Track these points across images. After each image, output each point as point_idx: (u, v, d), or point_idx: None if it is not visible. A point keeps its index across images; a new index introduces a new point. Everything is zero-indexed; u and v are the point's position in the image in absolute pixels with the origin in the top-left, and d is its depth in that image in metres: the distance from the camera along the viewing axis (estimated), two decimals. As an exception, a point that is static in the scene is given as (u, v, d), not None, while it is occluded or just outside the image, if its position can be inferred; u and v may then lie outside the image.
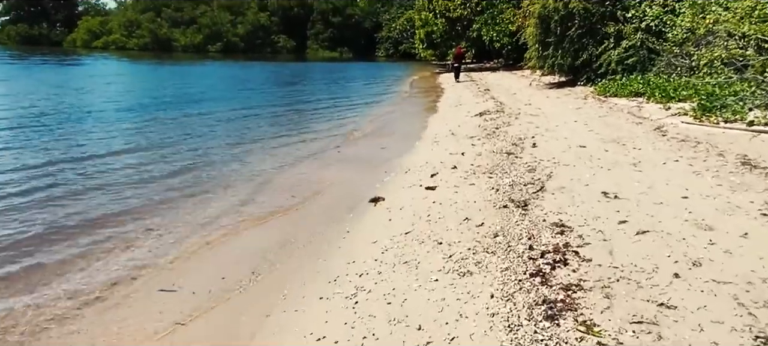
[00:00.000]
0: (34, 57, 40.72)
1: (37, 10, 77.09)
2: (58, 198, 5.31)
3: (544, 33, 15.90)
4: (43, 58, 38.75)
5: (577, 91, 14.65)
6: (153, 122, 10.74)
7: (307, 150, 8.14)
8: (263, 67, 39.02)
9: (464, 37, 36.33)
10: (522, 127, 8.83)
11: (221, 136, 9.10)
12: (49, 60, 37.12)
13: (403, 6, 75.61)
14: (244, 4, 79.42)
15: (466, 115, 11.48)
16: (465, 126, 9.67)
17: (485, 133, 8.53)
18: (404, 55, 67.88)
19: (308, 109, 14.38)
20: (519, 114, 10.80)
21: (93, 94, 15.99)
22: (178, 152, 7.77)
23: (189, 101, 15.00)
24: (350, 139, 9.06)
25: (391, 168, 6.47)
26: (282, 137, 9.35)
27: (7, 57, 40.84)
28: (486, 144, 7.46)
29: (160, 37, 70.13)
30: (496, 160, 6.15)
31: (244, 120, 11.28)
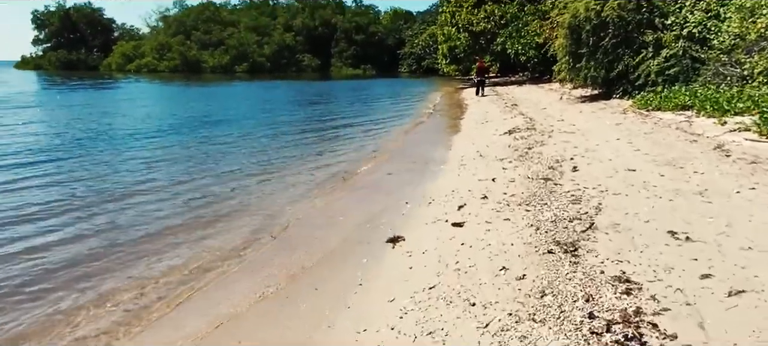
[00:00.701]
0: (71, 82, 42.18)
1: (76, 37, 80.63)
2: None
3: (575, 44, 15.04)
4: (80, 83, 40.05)
5: (612, 104, 13.69)
6: (173, 146, 10.51)
7: (323, 175, 7.57)
8: (288, 86, 39.18)
9: (488, 51, 35.57)
10: (557, 146, 8.03)
11: (238, 162, 8.65)
12: (84, 84, 38.28)
13: (425, 22, 75.56)
14: (270, 25, 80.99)
15: (494, 133, 10.73)
16: (494, 146, 8.93)
17: (517, 154, 7.77)
18: (427, 71, 67.49)
19: (329, 129, 13.90)
20: (552, 131, 9.99)
21: (122, 117, 16.11)
22: (192, 179, 7.37)
23: (211, 123, 14.83)
24: (369, 163, 8.45)
25: (412, 197, 5.80)
26: (299, 161, 8.85)
27: (45, 82, 42.36)
28: (519, 168, 6.71)
29: (190, 59, 71.95)
30: (532, 188, 5.41)
31: (264, 143, 10.88)
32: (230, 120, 15.67)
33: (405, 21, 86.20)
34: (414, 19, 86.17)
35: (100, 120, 15.12)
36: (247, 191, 6.72)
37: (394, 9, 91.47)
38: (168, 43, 73.85)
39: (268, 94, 29.71)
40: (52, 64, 76.35)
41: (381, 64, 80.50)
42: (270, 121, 15.39)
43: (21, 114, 16.36)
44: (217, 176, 7.68)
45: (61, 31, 79.43)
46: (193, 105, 21.42)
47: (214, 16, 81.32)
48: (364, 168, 8.10)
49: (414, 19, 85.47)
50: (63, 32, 79.59)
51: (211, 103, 22.36)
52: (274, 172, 7.82)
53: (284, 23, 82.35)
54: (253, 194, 6.46)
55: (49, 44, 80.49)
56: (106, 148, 10.12)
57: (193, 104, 21.88)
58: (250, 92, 31.46)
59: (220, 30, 77.24)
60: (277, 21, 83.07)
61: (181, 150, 10.11)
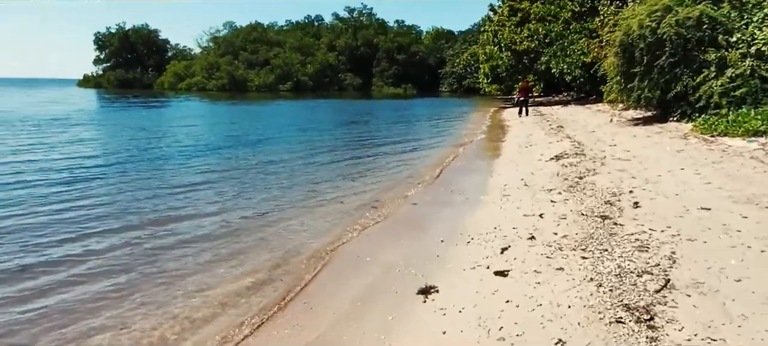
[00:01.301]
0: (126, 100, 44.59)
1: (133, 57, 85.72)
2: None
3: (628, 63, 14.06)
4: (134, 101, 42.23)
5: (670, 128, 12.60)
6: (209, 167, 10.47)
7: (353, 203, 7.13)
8: (329, 105, 39.53)
9: (531, 70, 34.57)
10: (612, 176, 7.26)
11: (270, 186, 8.36)
12: (137, 103, 40.19)
13: (467, 41, 75.15)
14: (313, 45, 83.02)
15: (540, 158, 10.00)
16: (540, 174, 8.23)
17: (566, 184, 7.06)
18: (468, 90, 66.79)
19: (365, 152, 13.53)
20: (604, 158, 9.16)
21: (168, 136, 16.53)
22: (222, 203, 7.15)
23: (250, 143, 14.89)
24: (403, 190, 7.94)
25: (448, 233, 5.24)
26: (331, 186, 8.44)
27: (102, 100, 44.95)
28: (570, 201, 6.02)
29: (237, 79, 74.64)
30: (587, 228, 4.74)
31: (297, 166, 10.58)
32: (269, 140, 15.70)
33: (446, 40, 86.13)
34: (455, 38, 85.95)
35: (149, 139, 15.60)
36: (272, 220, 6.36)
37: (436, 29, 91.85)
38: (217, 62, 77.02)
39: (309, 113, 29.95)
40: (110, 82, 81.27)
41: (422, 84, 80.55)
42: (307, 141, 15.26)
43: (71, 131, 17.05)
44: (247, 200, 7.41)
45: (120, 52, 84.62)
46: (236, 125, 21.84)
47: (261, 36, 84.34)
48: (398, 196, 7.59)
49: (455, 39, 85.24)
50: (121, 52, 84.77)
51: (253, 123, 22.71)
52: (302, 198, 7.43)
53: (328, 43, 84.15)
54: (277, 225, 6.08)
55: (108, 64, 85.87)
56: (148, 168, 10.31)
57: (236, 124, 22.30)
58: (292, 111, 31.88)
59: (267, 50, 79.88)
60: (321, 41, 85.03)
61: (216, 172, 10.02)
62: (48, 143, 13.62)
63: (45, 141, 14.11)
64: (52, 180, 8.66)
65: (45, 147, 12.84)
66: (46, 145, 13.29)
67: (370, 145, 14.66)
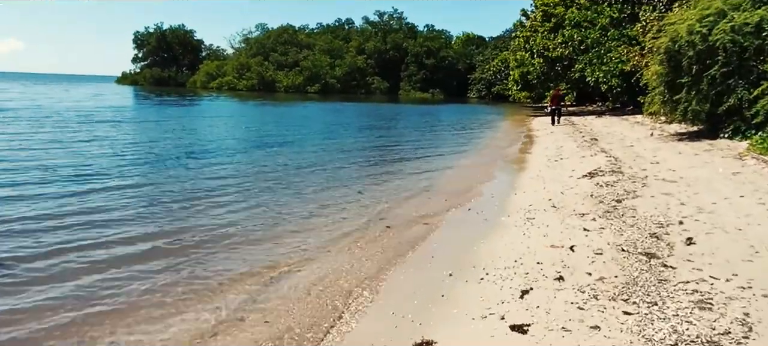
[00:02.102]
0: (160, 98, 45.60)
1: (169, 56, 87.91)
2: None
3: (674, 72, 12.87)
4: (168, 99, 43.16)
5: (720, 145, 11.38)
6: (224, 169, 10.08)
7: (357, 221, 6.38)
8: (355, 108, 39.07)
9: (564, 78, 33.15)
10: (657, 201, 6.29)
11: (279, 194, 7.75)
12: (170, 100, 40.91)
13: (497, 47, 73.62)
14: (343, 48, 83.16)
15: (571, 175, 9.04)
16: (570, 194, 7.31)
17: (602, 208, 6.15)
18: (497, 97, 65.36)
19: (384, 159, 12.80)
20: (646, 178, 8.15)
21: (195, 134, 16.49)
22: (225, 212, 6.61)
23: (269, 145, 14.56)
24: (415, 206, 7.12)
25: (459, 265, 4.45)
26: (340, 196, 7.73)
27: (138, 97, 46.05)
28: (606, 230, 5.13)
29: (266, 79, 75.47)
30: (629, 270, 3.87)
31: (311, 174, 9.87)
32: (291, 142, 15.29)
33: (476, 46, 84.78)
34: (486, 44, 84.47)
35: (179, 137, 15.49)
36: (269, 233, 5.74)
37: (466, 34, 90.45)
38: (248, 63, 78.06)
39: (334, 117, 29.47)
40: (146, 80, 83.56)
41: (450, 89, 79.49)
42: (326, 147, 14.67)
43: (101, 128, 17.10)
44: (248, 208, 6.83)
45: (157, 50, 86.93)
46: (258, 127, 21.66)
47: (291, 38, 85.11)
48: (407, 214, 6.81)
49: (486, 45, 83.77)
50: (158, 51, 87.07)
51: (278, 124, 22.47)
52: (305, 214, 6.65)
53: (357, 46, 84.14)
54: (271, 241, 5.44)
55: (145, 62, 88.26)
56: (173, 165, 10.26)
57: (258, 126, 22.10)
58: (318, 114, 31.53)
59: (297, 52, 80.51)
60: (350, 44, 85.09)
61: (227, 175, 9.56)
62: (86, 139, 13.66)
63: (81, 136, 14.23)
64: (86, 175, 8.72)
65: (81, 142, 13.06)
66: (84, 141, 13.42)
67: (389, 153, 13.93)
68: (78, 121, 18.36)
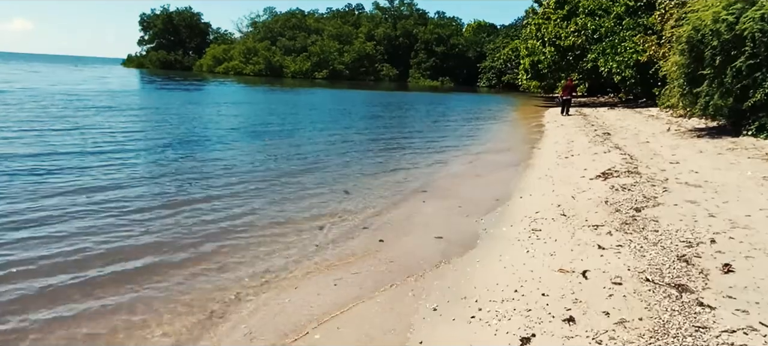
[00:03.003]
0: (164, 81, 44.92)
1: (176, 39, 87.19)
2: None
3: (695, 64, 11.95)
4: (173, 83, 42.55)
5: (745, 143, 10.52)
6: (214, 164, 9.34)
7: (340, 228, 5.67)
8: (362, 96, 38.12)
9: (576, 68, 31.99)
10: (682, 211, 5.53)
11: (267, 195, 6.98)
12: (173, 84, 40.34)
13: (509, 36, 72.00)
14: (352, 34, 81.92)
15: (583, 175, 8.26)
16: (582, 198, 6.56)
17: (618, 218, 5.40)
18: (507, 86, 64.10)
19: (381, 153, 12.02)
20: (666, 181, 7.36)
21: (192, 122, 15.96)
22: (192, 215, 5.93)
23: (264, 132, 13.94)
24: (404, 214, 6.33)
25: (446, 293, 3.73)
26: (321, 199, 6.94)
27: (143, 81, 45.57)
28: (625, 248, 4.39)
29: (273, 65, 74.64)
30: (657, 309, 3.16)
31: (306, 168, 9.11)
32: (288, 133, 14.61)
33: (488, 34, 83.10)
34: (497, 32, 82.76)
35: (180, 123, 15.04)
36: (235, 242, 5.07)
37: (477, 21, 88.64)
38: (255, 47, 77.14)
39: (340, 104, 28.60)
40: (152, 63, 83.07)
41: (459, 77, 78.20)
42: (324, 138, 13.94)
43: (89, 115, 16.53)
44: (219, 210, 6.15)
45: (163, 33, 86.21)
46: (257, 115, 21.06)
47: (300, 23, 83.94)
48: (396, 219, 6.08)
49: (497, 33, 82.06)
50: (164, 34, 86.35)
51: (278, 113, 21.75)
52: (280, 219, 5.91)
53: (366, 32, 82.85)
54: (232, 254, 4.75)
55: (152, 45, 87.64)
56: (151, 159, 9.52)
57: (256, 114, 21.48)
58: (323, 101, 30.72)
59: (305, 37, 79.43)
60: (360, 30, 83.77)
61: (205, 170, 8.89)
62: (68, 127, 13.07)
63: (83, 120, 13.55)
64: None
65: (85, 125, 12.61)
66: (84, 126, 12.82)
67: (388, 146, 13.15)
68: (70, 107, 17.75)
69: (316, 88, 46.68)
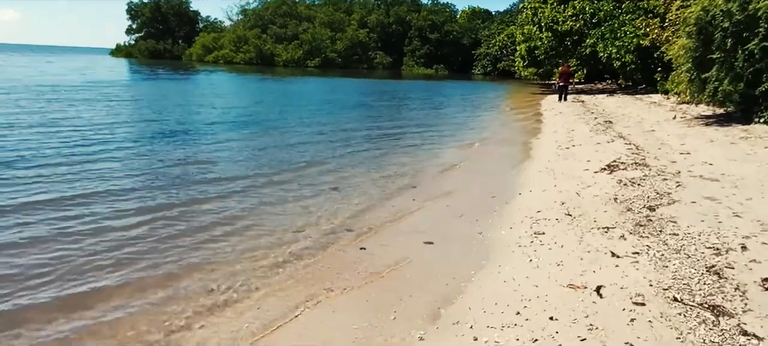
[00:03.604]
0: (151, 71, 43.73)
1: (165, 28, 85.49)
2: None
3: (704, 47, 11.30)
4: (160, 73, 41.24)
5: (757, 132, 9.92)
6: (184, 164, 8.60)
7: (325, 230, 5.01)
8: (354, 84, 37.16)
9: (574, 54, 31.28)
10: (701, 209, 4.91)
11: (246, 196, 6.17)
12: (154, 76, 39.23)
13: (504, 22, 70.93)
14: (344, 21, 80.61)
15: (586, 168, 7.62)
16: (588, 194, 5.92)
17: (631, 219, 4.77)
18: (502, 73, 63.30)
19: (371, 142, 11.37)
20: (678, 173, 6.74)
21: (170, 114, 15.14)
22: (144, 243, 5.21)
23: (254, 127, 13.12)
24: (387, 215, 5.61)
25: (434, 320, 3.09)
26: (309, 200, 6.18)
27: (131, 71, 44.39)
28: (643, 258, 3.76)
29: (264, 53, 73.34)
30: (692, 340, 2.52)
31: (292, 168, 8.10)
32: (273, 123, 13.97)
33: (482, 20, 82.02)
34: (492, 18, 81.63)
35: (156, 116, 14.20)
36: (202, 253, 4.41)
37: (471, 8, 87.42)
38: (245, 35, 75.70)
39: (330, 94, 27.73)
40: (141, 52, 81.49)
41: (454, 65, 77.26)
42: (310, 130, 13.18)
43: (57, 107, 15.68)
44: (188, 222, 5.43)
45: (151, 22, 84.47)
46: (243, 105, 20.20)
47: (291, 10, 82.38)
48: (381, 221, 5.40)
49: (492, 19, 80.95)
50: (153, 23, 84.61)
51: (265, 103, 20.94)
52: (255, 222, 5.13)
53: (359, 19, 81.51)
54: (194, 270, 4.08)
55: (140, 34, 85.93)
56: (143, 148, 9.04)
57: (242, 104, 20.63)
58: (313, 90, 29.83)
59: (296, 24, 77.99)
60: (352, 17, 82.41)
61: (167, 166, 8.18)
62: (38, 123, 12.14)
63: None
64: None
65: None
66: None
67: (380, 137, 12.38)
68: (39, 100, 16.83)
69: (308, 77, 45.68)
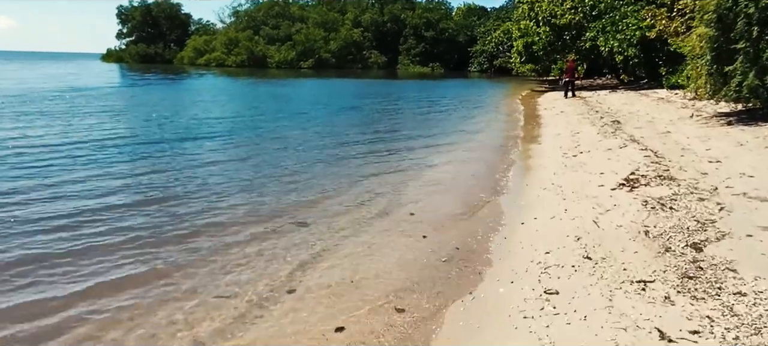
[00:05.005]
0: (142, 76, 42.41)
1: (156, 32, 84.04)
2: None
3: (724, 38, 10.03)
4: (150, 77, 39.95)
5: (790, 132, 8.67)
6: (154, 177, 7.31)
7: (263, 292, 3.77)
8: (347, 85, 35.85)
9: (573, 49, 30.00)
10: (763, 247, 3.64)
11: (180, 241, 4.99)
12: (142, 81, 37.97)
13: (500, 18, 69.63)
14: (338, 21, 79.31)
15: (600, 183, 6.34)
16: (609, 225, 4.63)
17: (674, 266, 3.50)
18: (499, 71, 62.01)
19: (349, 159, 9.96)
20: (715, 190, 5.47)
21: (142, 124, 14.25)
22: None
23: (202, 138, 11.81)
24: (353, 260, 4.29)
25: None
26: (259, 244, 4.88)
27: (121, 76, 43.09)
28: (706, 342, 2.48)
29: (256, 55, 71.99)
30: None
31: (250, 195, 6.86)
32: (245, 135, 12.75)
33: (478, 17, 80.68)
34: (488, 15, 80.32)
35: (147, 128, 13.00)
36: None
37: (467, 4, 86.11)
38: (237, 37, 74.37)
39: (318, 97, 26.39)
40: (132, 57, 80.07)
41: (450, 62, 75.98)
42: (284, 144, 11.95)
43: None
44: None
45: (142, 26, 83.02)
46: (225, 113, 18.90)
47: (283, 11, 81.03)
48: (337, 274, 4.09)
49: (488, 16, 79.65)
50: (144, 27, 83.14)
51: (251, 106, 19.75)
52: (179, 283, 3.94)
53: (353, 19, 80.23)
54: None
55: (131, 38, 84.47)
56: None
57: (221, 112, 19.35)
58: (300, 93, 28.52)
59: (289, 25, 76.65)
60: (346, 16, 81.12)
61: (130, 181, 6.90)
62: None
63: None
64: None
65: None
66: None
67: (360, 150, 10.83)
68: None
69: (300, 79, 44.29)
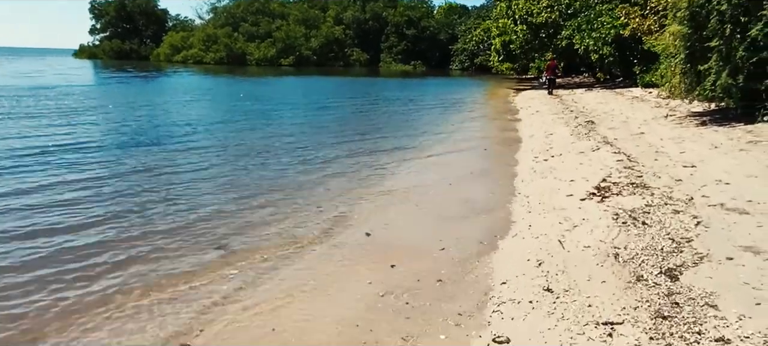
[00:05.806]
0: (114, 73, 40.86)
1: (131, 27, 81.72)
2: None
3: (697, 36, 9.76)
4: (123, 74, 38.45)
5: (765, 133, 8.40)
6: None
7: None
8: (325, 83, 35.10)
9: (549, 47, 29.87)
10: (746, 275, 3.22)
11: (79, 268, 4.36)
12: (121, 76, 36.57)
13: (481, 16, 69.63)
14: (319, 18, 78.30)
15: (569, 192, 5.91)
16: (575, 246, 4.17)
17: (646, 303, 3.06)
18: (480, 69, 61.97)
19: (317, 168, 9.41)
20: (690, 200, 5.08)
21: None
22: None
23: (186, 147, 11.04)
24: (274, 305, 3.54)
25: None
26: (166, 278, 4.38)
27: (92, 73, 41.42)
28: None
29: (235, 52, 70.52)
30: None
31: (179, 211, 5.96)
32: (196, 139, 11.91)
33: (459, 16, 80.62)
34: (469, 13, 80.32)
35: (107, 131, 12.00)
36: None
37: (448, 3, 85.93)
38: (215, 34, 72.74)
39: (290, 95, 25.72)
40: (105, 53, 77.77)
41: (432, 61, 75.70)
42: (248, 143, 11.26)
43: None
44: None
45: (116, 21, 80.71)
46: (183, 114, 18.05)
47: (263, 7, 79.47)
48: (250, 329, 3.53)
49: (469, 14, 79.66)
50: (118, 22, 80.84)
51: (217, 108, 18.82)
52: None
53: (334, 16, 79.29)
54: None
55: (105, 34, 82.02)
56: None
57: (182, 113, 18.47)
58: (272, 92, 27.74)
59: (269, 22, 75.28)
60: (328, 14, 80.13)
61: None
62: None
63: None
64: None
65: None
66: None
67: (331, 155, 10.16)
68: None
69: (279, 77, 43.29)
